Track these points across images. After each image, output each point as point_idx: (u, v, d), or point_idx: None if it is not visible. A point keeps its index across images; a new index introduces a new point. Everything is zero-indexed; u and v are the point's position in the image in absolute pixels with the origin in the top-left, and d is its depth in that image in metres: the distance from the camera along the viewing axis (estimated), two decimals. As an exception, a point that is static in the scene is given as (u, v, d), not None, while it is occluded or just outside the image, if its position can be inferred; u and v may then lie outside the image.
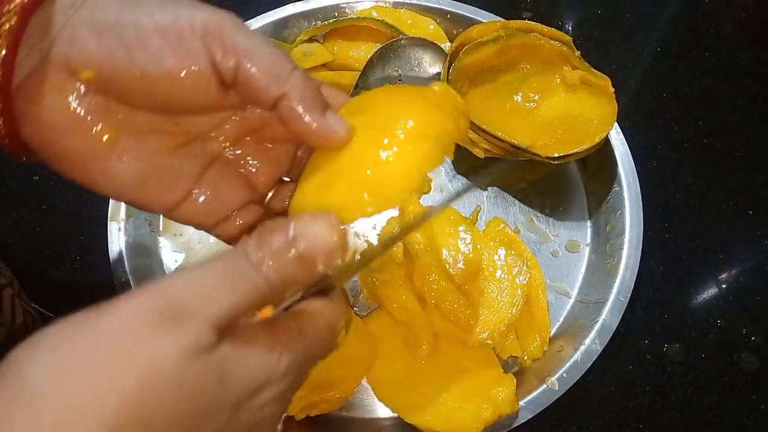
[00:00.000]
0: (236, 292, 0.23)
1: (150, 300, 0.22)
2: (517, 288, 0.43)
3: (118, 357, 0.20)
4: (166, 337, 0.21)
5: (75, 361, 0.20)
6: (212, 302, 0.22)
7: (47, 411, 0.19)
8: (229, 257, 0.23)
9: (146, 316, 0.21)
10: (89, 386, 0.20)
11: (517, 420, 0.41)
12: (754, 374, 0.47)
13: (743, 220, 0.53)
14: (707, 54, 0.62)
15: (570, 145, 0.47)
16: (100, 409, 0.20)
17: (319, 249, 0.24)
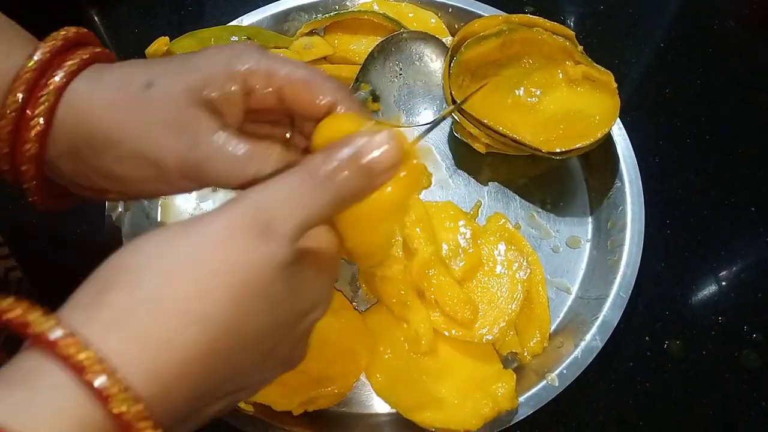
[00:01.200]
0: (314, 203, 0.24)
1: (241, 212, 0.23)
2: (517, 283, 0.43)
3: (224, 263, 0.22)
4: (260, 249, 0.23)
5: (183, 266, 0.22)
6: (296, 215, 0.24)
7: (161, 316, 0.21)
8: (300, 172, 0.25)
9: (241, 226, 0.23)
10: (201, 289, 0.22)
11: (516, 416, 0.41)
12: (755, 371, 0.47)
13: (745, 216, 0.53)
14: (710, 50, 0.62)
15: (572, 140, 0.47)
16: (211, 311, 0.22)
17: (384, 159, 0.25)
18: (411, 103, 0.55)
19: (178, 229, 0.23)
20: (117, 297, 0.21)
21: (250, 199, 0.24)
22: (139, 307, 0.21)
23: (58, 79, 0.28)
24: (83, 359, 0.19)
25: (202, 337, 0.21)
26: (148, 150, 0.28)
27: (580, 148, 0.47)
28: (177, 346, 0.21)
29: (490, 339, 0.41)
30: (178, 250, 0.22)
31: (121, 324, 0.21)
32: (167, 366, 0.21)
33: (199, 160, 0.27)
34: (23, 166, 0.29)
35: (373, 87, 0.54)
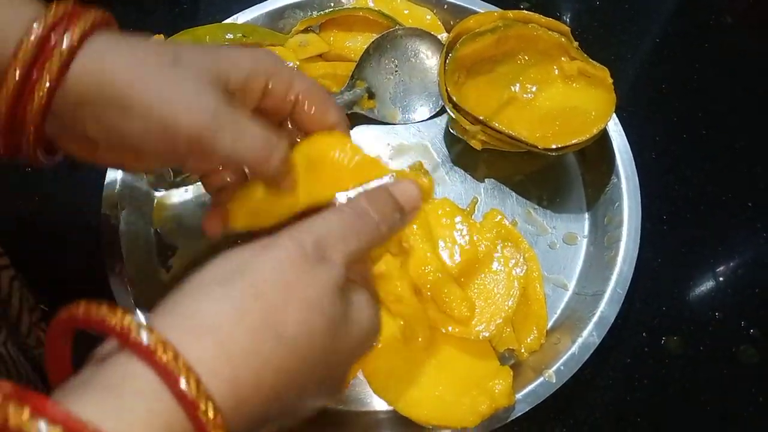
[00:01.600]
0: (361, 236, 0.27)
1: (300, 241, 0.25)
2: (513, 280, 0.43)
3: (289, 289, 0.24)
4: (321, 272, 0.25)
5: (263, 288, 0.23)
6: (346, 243, 0.26)
7: (244, 329, 0.22)
8: (347, 210, 0.28)
9: (302, 255, 0.25)
10: (265, 316, 0.23)
11: (514, 413, 0.41)
12: (752, 367, 0.46)
13: (742, 212, 0.53)
14: (707, 45, 0.62)
15: (568, 136, 0.47)
16: (282, 327, 0.23)
17: (412, 201, 0.30)
18: (407, 100, 0.55)
19: (256, 251, 0.25)
20: (205, 306, 0.22)
21: (305, 229, 0.26)
22: (224, 318, 0.22)
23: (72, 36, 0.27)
24: (173, 367, 0.20)
25: (277, 351, 0.22)
26: (166, 112, 0.28)
27: (576, 144, 0.47)
28: (255, 359, 0.22)
29: (487, 336, 0.41)
30: (259, 269, 0.24)
31: (207, 333, 0.22)
32: (243, 376, 0.22)
33: (214, 130, 0.28)
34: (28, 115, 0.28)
35: (368, 84, 0.54)
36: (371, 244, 0.28)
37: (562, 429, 0.44)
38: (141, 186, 0.50)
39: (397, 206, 0.29)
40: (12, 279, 0.39)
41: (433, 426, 0.40)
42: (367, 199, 0.29)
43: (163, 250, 0.49)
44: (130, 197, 0.49)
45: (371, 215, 0.28)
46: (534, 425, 0.44)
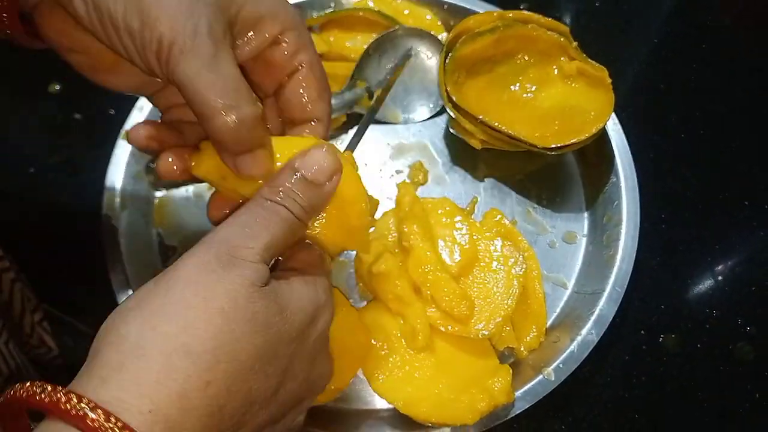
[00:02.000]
0: (270, 228, 0.26)
1: (206, 249, 0.25)
2: (513, 279, 0.43)
3: (197, 295, 0.23)
4: (232, 273, 0.24)
5: (162, 309, 0.23)
6: (257, 239, 0.26)
7: (152, 355, 0.22)
8: (251, 205, 0.27)
9: (208, 261, 0.24)
10: (180, 326, 0.23)
11: (513, 410, 0.41)
12: (749, 364, 0.47)
13: (739, 211, 0.53)
14: (704, 46, 0.62)
15: (567, 135, 0.47)
16: (195, 343, 0.22)
17: (322, 170, 0.28)
18: (407, 100, 0.55)
19: (151, 283, 0.24)
20: (107, 354, 0.23)
21: (210, 238, 0.26)
22: (127, 357, 0.22)
23: None
24: (80, 410, 0.20)
25: (194, 369, 0.22)
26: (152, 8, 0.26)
27: (575, 144, 0.47)
28: (171, 382, 0.22)
29: (486, 334, 0.41)
30: (154, 299, 0.24)
31: (114, 376, 0.22)
32: (164, 403, 0.21)
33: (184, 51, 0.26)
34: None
35: (368, 84, 0.54)
36: (288, 230, 0.27)
37: (561, 426, 0.45)
38: (142, 187, 0.50)
39: (305, 184, 0.28)
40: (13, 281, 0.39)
41: (433, 424, 0.40)
42: (269, 188, 0.27)
43: (164, 250, 0.49)
44: (130, 198, 0.49)
45: (277, 202, 0.27)
46: (533, 423, 0.44)
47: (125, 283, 0.45)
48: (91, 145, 0.54)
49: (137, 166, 0.50)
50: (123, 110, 0.51)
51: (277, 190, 0.27)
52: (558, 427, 0.44)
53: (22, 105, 0.56)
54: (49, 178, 0.53)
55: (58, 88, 0.56)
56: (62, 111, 0.56)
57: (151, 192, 0.51)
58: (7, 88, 0.56)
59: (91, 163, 0.51)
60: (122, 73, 0.31)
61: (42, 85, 0.56)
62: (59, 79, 0.56)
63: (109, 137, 0.50)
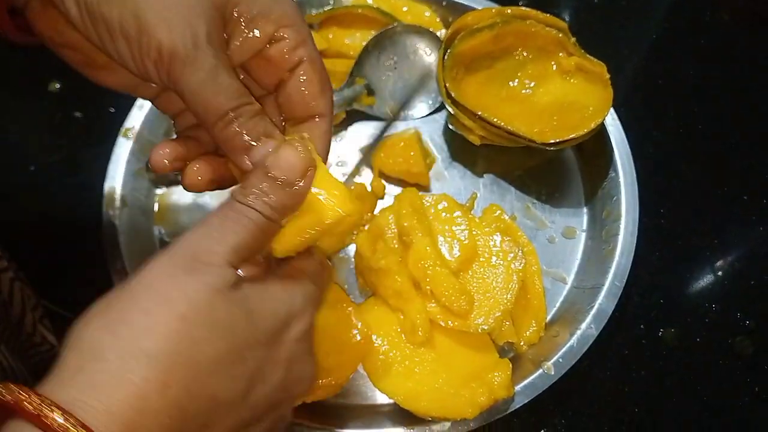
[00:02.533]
0: (238, 230, 0.26)
1: (170, 255, 0.25)
2: (512, 274, 0.43)
3: (156, 301, 0.23)
4: (193, 278, 0.24)
5: (122, 314, 0.23)
6: (221, 243, 0.25)
7: (110, 358, 0.22)
8: (222, 207, 0.27)
9: (171, 266, 0.24)
10: (139, 330, 0.23)
11: (513, 405, 0.41)
12: (748, 358, 0.47)
13: (738, 205, 0.53)
14: (703, 41, 0.62)
15: (566, 131, 0.47)
16: (153, 347, 0.23)
17: (293, 169, 0.27)
18: (406, 96, 0.56)
19: (117, 289, 0.24)
20: (69, 358, 0.23)
21: (176, 242, 0.25)
22: (86, 360, 0.22)
23: None
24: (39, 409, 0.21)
25: (152, 371, 0.22)
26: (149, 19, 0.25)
27: (574, 139, 0.47)
28: (128, 384, 0.22)
29: (486, 329, 0.42)
30: (116, 304, 0.24)
31: (74, 378, 0.22)
32: (124, 405, 0.22)
33: (187, 62, 0.26)
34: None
35: (368, 81, 0.54)
36: (259, 232, 0.26)
37: (561, 420, 0.45)
38: (142, 184, 0.50)
39: (276, 184, 0.26)
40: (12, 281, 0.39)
41: (433, 418, 0.40)
42: (240, 189, 0.27)
43: (164, 247, 0.49)
44: (131, 196, 0.49)
45: (247, 204, 0.26)
46: (533, 417, 0.44)
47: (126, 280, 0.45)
48: (91, 144, 0.54)
49: (138, 163, 0.50)
50: (123, 108, 0.51)
51: (248, 191, 0.26)
52: (558, 421, 0.45)
53: (22, 103, 0.57)
54: (49, 177, 0.53)
55: (58, 87, 0.56)
56: (62, 109, 0.56)
57: (152, 189, 0.51)
58: (7, 86, 0.56)
59: (91, 161, 0.51)
60: (116, 71, 0.30)
61: (42, 84, 0.56)
62: (59, 78, 0.56)
63: (110, 135, 0.50)
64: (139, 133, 0.50)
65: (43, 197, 0.52)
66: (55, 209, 0.52)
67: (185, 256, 0.25)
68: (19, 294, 0.39)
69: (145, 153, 0.50)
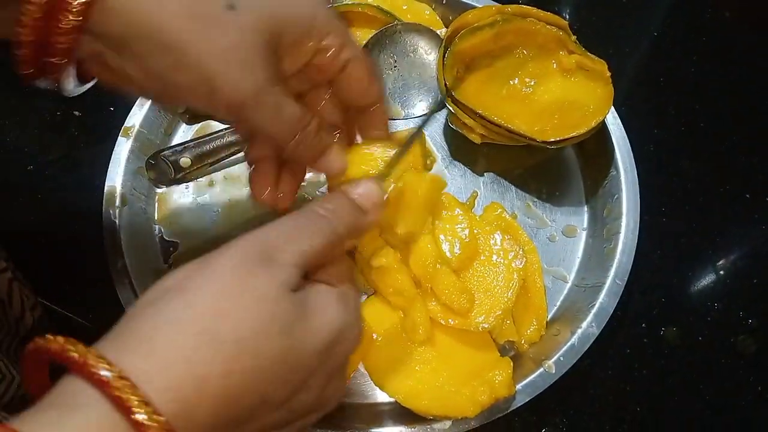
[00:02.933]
0: (313, 237, 0.27)
1: (245, 247, 0.26)
2: (513, 272, 0.43)
3: (232, 286, 0.24)
4: (264, 273, 0.25)
5: (199, 292, 0.24)
6: (296, 244, 0.27)
7: (179, 339, 0.23)
8: (299, 214, 0.28)
9: (244, 259, 0.25)
10: (213, 311, 0.23)
11: (514, 403, 0.41)
12: (750, 356, 0.47)
13: (740, 203, 0.53)
14: (704, 39, 0.62)
15: (566, 129, 0.47)
16: (223, 331, 0.23)
17: (370, 199, 0.30)
18: (406, 95, 0.55)
19: (193, 266, 0.25)
20: (142, 324, 0.23)
21: (254, 235, 0.27)
22: (159, 330, 0.23)
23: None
24: (106, 376, 0.21)
25: (219, 355, 0.23)
26: (212, 72, 0.28)
27: (574, 137, 0.47)
28: (194, 363, 0.22)
29: (487, 327, 0.41)
30: (194, 279, 0.25)
31: (143, 346, 0.23)
32: (185, 383, 0.22)
33: (254, 107, 0.29)
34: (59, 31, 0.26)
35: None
36: (327, 243, 0.28)
37: (563, 419, 0.45)
38: (142, 183, 0.50)
39: (352, 206, 0.30)
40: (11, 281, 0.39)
41: (434, 416, 0.40)
42: (318, 203, 0.29)
43: (164, 246, 0.49)
44: (131, 194, 0.49)
45: (323, 216, 0.28)
46: (534, 415, 0.44)
47: (126, 279, 0.45)
48: (90, 142, 0.54)
49: (138, 162, 0.50)
50: (123, 107, 0.51)
51: (326, 206, 0.29)
52: (559, 420, 0.45)
53: (21, 102, 0.56)
54: (48, 175, 0.53)
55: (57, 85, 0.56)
56: (62, 108, 0.56)
57: (152, 189, 0.51)
58: (6, 84, 0.56)
59: (91, 160, 0.51)
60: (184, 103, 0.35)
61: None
62: (59, 77, 0.56)
63: (109, 134, 0.50)
64: (138, 131, 0.50)
65: (42, 196, 0.52)
66: (54, 208, 0.52)
67: (261, 249, 0.26)
68: (18, 294, 0.39)
69: (145, 152, 0.50)
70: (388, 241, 0.41)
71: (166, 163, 0.50)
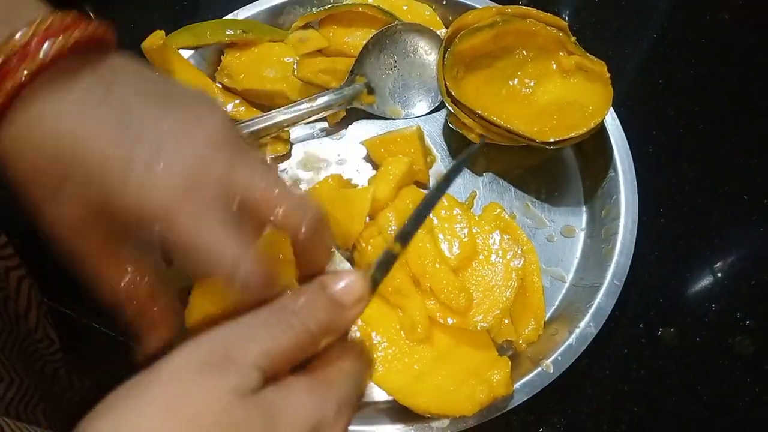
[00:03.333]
0: (275, 337, 0.24)
1: (196, 350, 0.23)
2: (511, 272, 0.43)
3: (169, 406, 0.22)
4: (212, 381, 0.22)
5: (131, 414, 0.22)
6: (253, 345, 0.23)
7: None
8: (267, 308, 0.25)
9: (192, 364, 0.23)
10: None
11: (511, 402, 0.41)
12: (748, 357, 0.47)
13: (738, 205, 0.53)
14: (703, 41, 0.62)
15: (565, 130, 0.47)
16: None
17: (350, 292, 0.26)
18: (406, 95, 0.56)
19: (133, 380, 0.23)
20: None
21: (212, 334, 0.24)
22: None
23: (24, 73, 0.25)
24: None
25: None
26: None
27: (573, 138, 0.47)
28: None
29: (485, 326, 0.42)
30: (128, 400, 0.22)
31: None
32: None
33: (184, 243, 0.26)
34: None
35: (368, 79, 0.54)
36: (296, 343, 0.25)
37: (560, 419, 0.45)
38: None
39: (329, 302, 0.26)
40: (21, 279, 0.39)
41: (432, 414, 0.40)
42: (289, 296, 0.26)
43: (165, 245, 0.49)
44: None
45: (293, 312, 0.25)
46: (531, 415, 0.44)
47: (126, 277, 0.45)
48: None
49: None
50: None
51: (297, 300, 0.25)
52: (557, 419, 0.45)
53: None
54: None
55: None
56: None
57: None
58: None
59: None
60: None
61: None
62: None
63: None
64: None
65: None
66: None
67: (214, 350, 0.23)
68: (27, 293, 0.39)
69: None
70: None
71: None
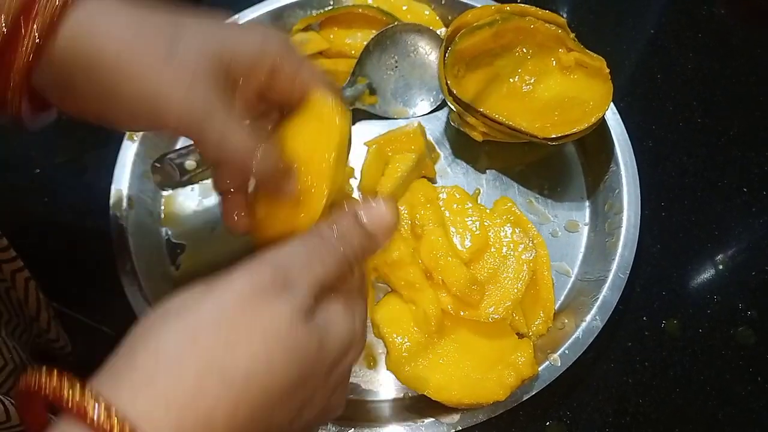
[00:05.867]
0: (325, 263, 0.27)
1: (259, 271, 0.25)
2: (523, 264, 0.44)
3: (243, 315, 0.23)
4: (279, 301, 0.24)
5: (205, 322, 0.23)
6: (310, 271, 0.26)
7: (184, 375, 0.22)
8: (312, 236, 0.27)
9: (258, 284, 0.24)
10: (220, 344, 0.22)
11: (519, 397, 0.42)
12: (750, 347, 0.48)
13: (738, 197, 0.54)
14: (700, 35, 0.63)
15: (567, 126, 0.48)
16: (231, 367, 0.22)
17: (381, 222, 0.29)
18: (408, 95, 0.56)
19: (200, 290, 0.24)
20: (143, 361, 0.22)
21: (265, 259, 0.25)
22: (163, 369, 0.22)
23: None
24: (105, 422, 0.20)
25: (226, 392, 0.22)
26: (156, 99, 0.28)
27: (575, 134, 0.48)
28: (201, 403, 0.21)
29: (497, 317, 0.42)
30: (200, 309, 0.23)
31: (147, 387, 0.21)
32: (192, 424, 0.21)
33: (201, 130, 0.29)
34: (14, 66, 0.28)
35: (369, 80, 0.55)
36: (338, 269, 0.27)
37: (566, 411, 0.45)
38: (148, 186, 0.51)
39: (363, 232, 0.28)
40: (27, 280, 0.40)
41: (466, 406, 0.40)
42: (330, 226, 0.28)
43: (171, 248, 0.50)
44: (137, 197, 0.49)
45: (334, 241, 0.27)
46: (538, 408, 0.45)
47: (134, 281, 0.45)
48: (97, 144, 0.54)
49: (143, 165, 0.50)
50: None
51: (337, 230, 0.28)
52: (563, 412, 0.45)
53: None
54: (55, 178, 0.53)
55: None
56: (67, 112, 0.56)
57: (158, 191, 0.51)
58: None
59: (97, 162, 0.52)
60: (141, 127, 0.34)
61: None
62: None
63: (115, 136, 0.51)
64: (144, 135, 0.51)
65: (49, 199, 0.52)
66: (61, 211, 0.52)
67: (271, 274, 0.24)
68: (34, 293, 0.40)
69: (150, 155, 0.51)
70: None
71: (171, 166, 0.50)
